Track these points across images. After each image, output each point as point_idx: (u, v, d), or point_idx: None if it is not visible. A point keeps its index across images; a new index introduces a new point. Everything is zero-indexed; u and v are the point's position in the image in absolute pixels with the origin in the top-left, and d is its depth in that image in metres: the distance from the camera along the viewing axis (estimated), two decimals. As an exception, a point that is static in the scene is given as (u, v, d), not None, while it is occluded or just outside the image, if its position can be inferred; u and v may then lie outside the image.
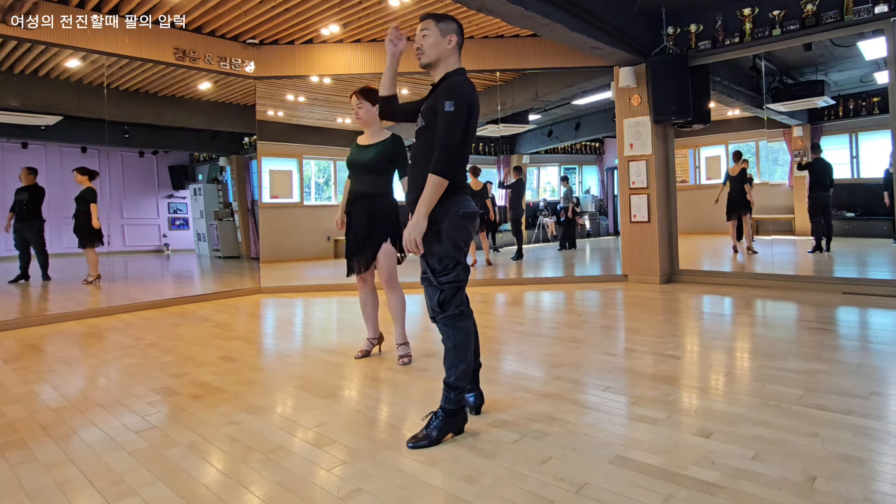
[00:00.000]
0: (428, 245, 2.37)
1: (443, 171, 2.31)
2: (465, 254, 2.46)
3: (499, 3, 4.77)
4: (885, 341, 3.83)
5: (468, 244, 2.49)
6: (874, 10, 5.36)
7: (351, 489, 1.98)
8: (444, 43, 2.45)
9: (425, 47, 2.46)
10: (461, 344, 2.41)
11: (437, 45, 2.45)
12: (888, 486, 1.88)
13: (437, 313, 2.42)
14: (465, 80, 2.43)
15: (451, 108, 2.30)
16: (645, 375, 3.20)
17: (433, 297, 2.42)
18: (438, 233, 2.37)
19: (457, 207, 2.39)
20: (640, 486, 1.92)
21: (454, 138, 2.31)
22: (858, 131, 8.32)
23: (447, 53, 2.47)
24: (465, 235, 2.44)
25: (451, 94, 2.33)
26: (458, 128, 2.32)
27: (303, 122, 11.35)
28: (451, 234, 2.38)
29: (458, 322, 2.42)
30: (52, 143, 9.42)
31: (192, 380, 3.41)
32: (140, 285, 7.95)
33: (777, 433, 2.32)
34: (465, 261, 2.46)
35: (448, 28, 2.46)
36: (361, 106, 3.62)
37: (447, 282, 2.39)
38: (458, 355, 2.41)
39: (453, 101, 2.30)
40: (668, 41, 6.68)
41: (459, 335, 2.41)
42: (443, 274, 2.39)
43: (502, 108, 8.89)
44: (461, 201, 2.41)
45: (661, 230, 6.89)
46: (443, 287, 2.40)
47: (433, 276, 2.41)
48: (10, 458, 2.34)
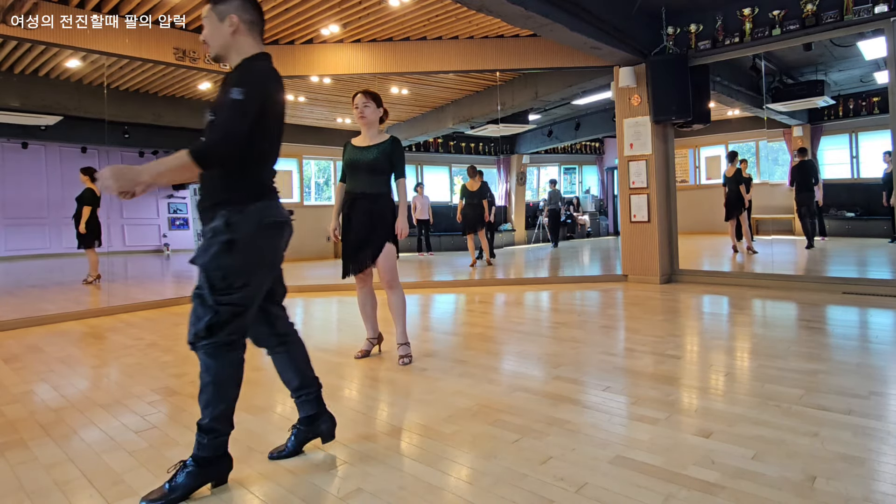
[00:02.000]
0: (214, 256, 1.94)
1: (202, 153, 1.86)
2: (265, 274, 2.07)
3: (499, 2, 4.79)
4: (884, 341, 3.83)
5: (272, 262, 2.11)
6: (874, 9, 5.37)
7: (351, 489, 1.98)
8: (225, 27, 2.06)
9: (206, 38, 2.11)
10: (225, 380, 1.99)
11: (216, 31, 2.08)
12: (888, 485, 1.88)
13: (200, 338, 1.95)
14: (264, 67, 2.06)
15: (238, 95, 1.90)
16: (645, 375, 3.20)
17: (202, 318, 1.94)
18: (230, 243, 1.94)
19: (260, 216, 2.01)
20: (640, 486, 1.93)
21: (237, 127, 1.88)
22: (858, 131, 8.34)
23: (231, 39, 2.08)
24: (267, 250, 2.05)
25: (239, 81, 1.95)
26: (245, 119, 1.90)
27: (303, 122, 11.38)
28: (248, 246, 1.98)
29: (227, 353, 1.98)
30: (52, 143, 9.45)
31: (192, 379, 3.41)
32: (140, 285, 7.96)
33: (777, 433, 2.32)
34: (260, 282, 2.05)
35: (226, 9, 2.07)
36: (368, 105, 3.61)
37: (227, 303, 1.95)
38: (219, 393, 1.98)
39: (242, 89, 1.91)
40: (668, 41, 6.69)
41: (224, 369, 1.98)
42: (224, 293, 1.94)
43: (502, 107, 8.90)
44: (266, 208, 2.03)
45: (661, 230, 6.90)
46: (219, 308, 1.94)
47: (210, 293, 1.94)
48: (10, 457, 2.34)
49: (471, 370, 3.43)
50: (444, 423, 2.57)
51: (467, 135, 13.07)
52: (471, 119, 10.21)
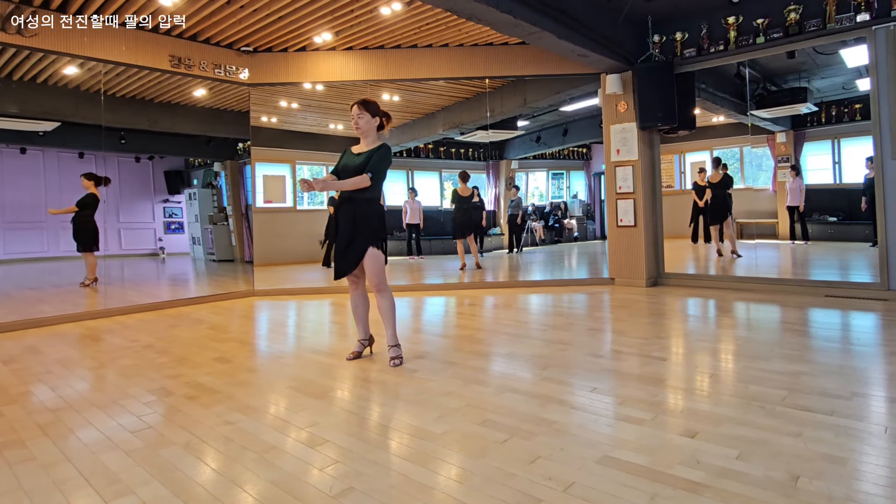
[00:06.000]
0: None
1: None
2: None
3: (488, 11, 4.83)
4: (866, 343, 3.89)
5: None
6: (856, 18, 5.46)
7: (343, 488, 2.00)
8: None
9: None
10: None
11: None
12: (870, 485, 1.91)
13: None
14: None
15: None
16: (631, 376, 3.24)
17: None
18: None
19: None
20: (626, 485, 1.95)
21: None
22: (841, 137, 8.44)
23: None
24: None
25: None
26: None
27: (296, 128, 11.38)
28: None
29: None
30: (50, 149, 9.46)
31: (188, 381, 3.44)
32: (136, 288, 7.94)
33: (761, 433, 2.35)
34: None
35: None
36: (362, 116, 3.67)
37: None
38: None
39: None
40: (654, 49, 6.78)
41: None
42: None
43: (491, 114, 8.95)
44: None
45: (647, 234, 6.98)
46: None
47: None
48: (9, 457, 2.36)
49: (460, 371, 3.46)
50: (434, 424, 2.60)
51: (457, 141, 13.11)
52: (461, 125, 10.25)
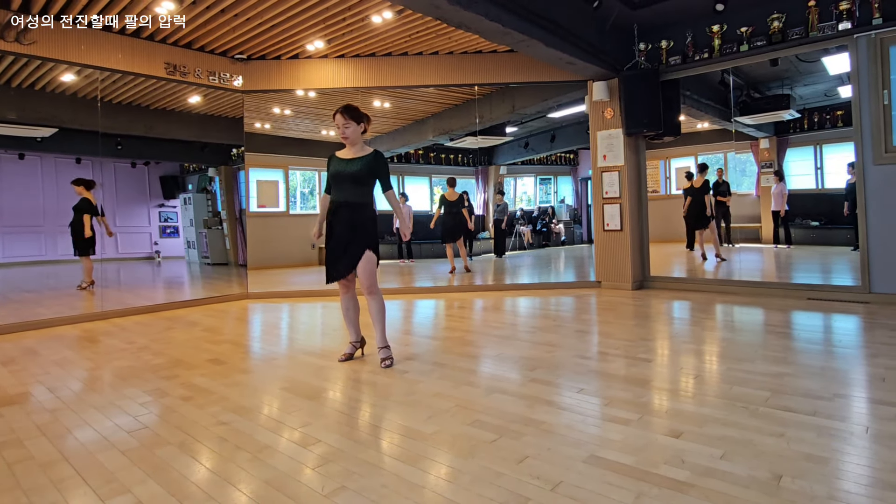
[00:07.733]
0: None
1: None
2: None
3: (477, 19, 4.88)
4: (847, 345, 3.94)
5: None
6: (838, 27, 5.56)
7: (335, 487, 2.03)
8: None
9: None
10: None
11: None
12: (851, 484, 1.93)
13: None
14: None
15: None
16: (617, 378, 3.27)
17: None
18: None
19: None
20: (612, 485, 1.98)
21: None
22: (823, 143, 8.54)
23: None
24: None
25: None
26: None
27: (288, 134, 11.41)
28: None
29: None
30: (47, 155, 9.50)
31: (183, 382, 3.47)
32: (132, 291, 7.95)
33: (744, 433, 2.38)
34: None
35: None
36: (348, 126, 3.71)
37: None
38: None
39: None
40: (640, 56, 6.87)
41: None
42: None
43: (480, 120, 9.03)
44: None
45: (633, 238, 7.05)
46: None
47: None
48: (8, 456, 2.38)
49: (450, 373, 3.49)
50: (424, 424, 2.63)
51: (447, 146, 13.19)
52: (450, 131, 10.32)
